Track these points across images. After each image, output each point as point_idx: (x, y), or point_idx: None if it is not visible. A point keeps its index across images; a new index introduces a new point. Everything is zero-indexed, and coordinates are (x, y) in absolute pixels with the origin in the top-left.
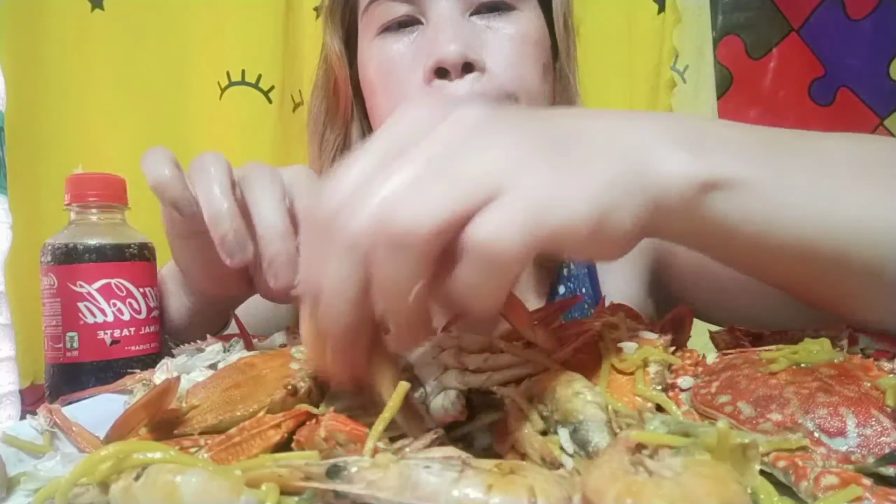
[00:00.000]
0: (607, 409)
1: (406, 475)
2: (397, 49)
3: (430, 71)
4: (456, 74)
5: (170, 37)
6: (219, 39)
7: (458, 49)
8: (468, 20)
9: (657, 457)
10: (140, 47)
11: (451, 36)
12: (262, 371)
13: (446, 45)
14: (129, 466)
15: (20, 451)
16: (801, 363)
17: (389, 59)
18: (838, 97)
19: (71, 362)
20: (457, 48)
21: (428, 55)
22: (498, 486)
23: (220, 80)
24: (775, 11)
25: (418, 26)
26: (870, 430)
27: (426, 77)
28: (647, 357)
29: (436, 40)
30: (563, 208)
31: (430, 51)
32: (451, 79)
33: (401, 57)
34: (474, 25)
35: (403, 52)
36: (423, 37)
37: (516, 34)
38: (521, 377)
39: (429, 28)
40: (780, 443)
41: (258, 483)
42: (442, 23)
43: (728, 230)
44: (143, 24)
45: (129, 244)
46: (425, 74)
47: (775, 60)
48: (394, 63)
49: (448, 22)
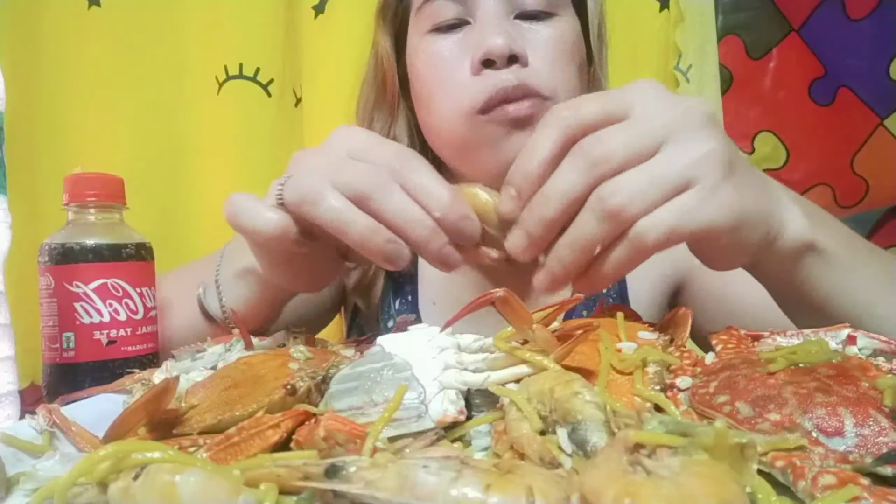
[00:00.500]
0: (606, 409)
1: (404, 475)
2: (446, 45)
3: (477, 62)
4: (502, 64)
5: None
6: (215, 33)
7: (504, 41)
8: (512, 22)
9: (655, 456)
10: (137, 43)
11: (498, 30)
12: (260, 371)
13: (494, 38)
14: (127, 466)
15: (19, 450)
16: (799, 363)
17: (439, 53)
18: (838, 97)
19: (68, 362)
20: (503, 41)
21: (476, 47)
22: (496, 485)
23: (217, 74)
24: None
25: (466, 26)
26: (868, 429)
27: (474, 68)
28: (645, 357)
29: (483, 35)
30: (716, 213)
31: (478, 43)
32: (496, 68)
33: (449, 51)
34: (517, 26)
35: (452, 47)
36: (471, 33)
37: (556, 36)
38: (519, 377)
39: (476, 26)
40: (778, 442)
41: (257, 483)
42: (489, 20)
43: (805, 283)
44: (140, 20)
45: (126, 244)
46: (473, 66)
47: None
48: (443, 56)
49: (495, 20)
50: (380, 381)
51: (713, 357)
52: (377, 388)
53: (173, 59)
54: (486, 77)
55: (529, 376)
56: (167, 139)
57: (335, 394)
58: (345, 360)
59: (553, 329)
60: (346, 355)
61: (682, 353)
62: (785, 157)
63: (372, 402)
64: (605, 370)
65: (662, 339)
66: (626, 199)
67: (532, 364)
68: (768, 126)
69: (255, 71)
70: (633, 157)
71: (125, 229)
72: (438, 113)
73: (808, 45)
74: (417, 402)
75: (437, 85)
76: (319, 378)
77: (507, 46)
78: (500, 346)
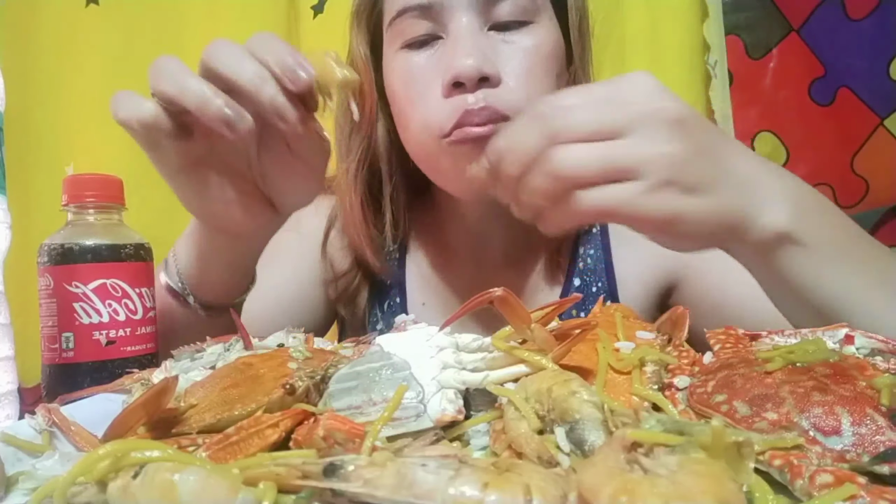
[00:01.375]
0: (603, 408)
1: (403, 473)
2: (418, 62)
3: (447, 84)
4: (471, 86)
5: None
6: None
7: (474, 63)
8: (486, 34)
9: (653, 455)
10: (135, 42)
11: (469, 50)
12: (259, 370)
13: (463, 59)
14: (127, 465)
15: (19, 450)
16: (796, 362)
17: (411, 71)
18: (838, 97)
19: (67, 363)
20: (473, 62)
21: (446, 69)
22: (494, 483)
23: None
24: (775, 11)
25: (439, 41)
26: (865, 428)
27: (445, 90)
28: (643, 357)
29: (454, 55)
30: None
31: (448, 64)
32: (466, 91)
33: (421, 70)
34: (491, 39)
35: (424, 65)
36: (443, 50)
37: (532, 47)
38: (518, 376)
39: (448, 42)
40: (775, 441)
41: (256, 482)
42: (460, 38)
43: (783, 273)
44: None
45: (125, 244)
46: (444, 88)
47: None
48: (415, 75)
49: (466, 37)
50: (378, 381)
51: (711, 356)
52: (376, 388)
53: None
54: (455, 101)
55: (528, 376)
56: None
57: (334, 393)
58: (343, 360)
59: (551, 328)
60: (344, 355)
61: (679, 352)
62: (785, 157)
63: (371, 402)
64: (604, 369)
65: (660, 339)
66: (570, 162)
67: (530, 363)
68: (768, 126)
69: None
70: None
71: (124, 230)
72: (411, 132)
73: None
74: (416, 402)
75: (409, 104)
76: (318, 377)
77: (477, 69)
78: (498, 346)
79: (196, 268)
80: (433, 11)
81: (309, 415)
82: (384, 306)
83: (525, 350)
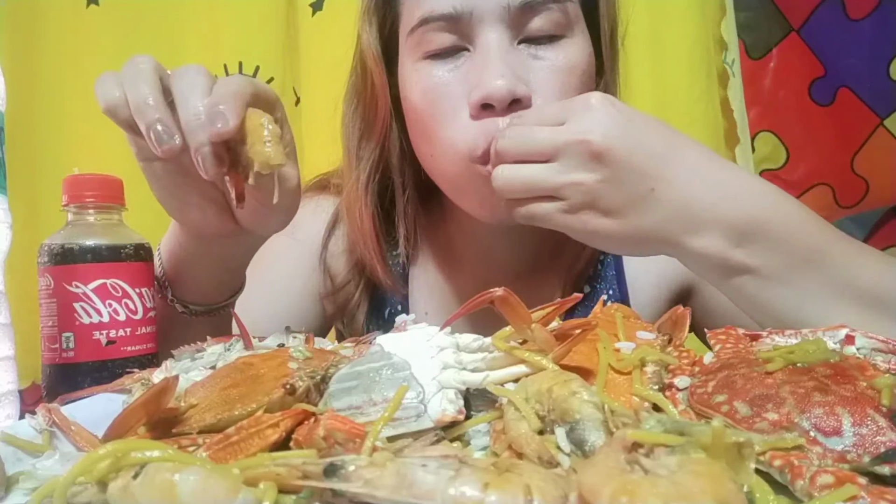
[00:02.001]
0: (604, 409)
1: (403, 473)
2: (442, 76)
3: (476, 106)
4: (502, 109)
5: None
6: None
7: (505, 84)
8: (515, 49)
9: (653, 455)
10: (136, 42)
11: (500, 70)
12: (260, 370)
13: (494, 80)
14: (127, 465)
15: (19, 450)
16: (797, 363)
17: (435, 86)
18: (838, 97)
19: (67, 363)
20: (504, 83)
21: (475, 87)
22: (494, 484)
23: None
24: (775, 11)
25: (464, 53)
26: (865, 429)
27: (473, 111)
28: (644, 357)
29: (483, 73)
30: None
31: (477, 83)
32: (496, 113)
33: (446, 86)
34: (521, 54)
35: (449, 80)
36: (471, 65)
37: (564, 65)
38: (518, 377)
39: (476, 56)
40: (776, 442)
41: (256, 482)
42: (490, 55)
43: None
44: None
45: (125, 245)
46: (472, 108)
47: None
48: (440, 92)
49: (496, 54)
50: (379, 381)
51: (711, 357)
52: (376, 388)
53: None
54: (485, 124)
55: (528, 376)
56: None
57: (334, 393)
58: (344, 360)
59: (552, 328)
60: (345, 355)
61: (680, 352)
62: (785, 157)
63: (371, 402)
64: (604, 370)
65: (661, 339)
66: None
67: (530, 364)
68: (768, 126)
69: (255, 70)
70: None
71: (124, 230)
72: (435, 149)
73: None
74: (416, 402)
75: (434, 122)
76: (318, 377)
77: (509, 90)
78: (498, 346)
79: (174, 265)
80: (460, 23)
81: (309, 415)
82: (385, 314)
83: (525, 350)
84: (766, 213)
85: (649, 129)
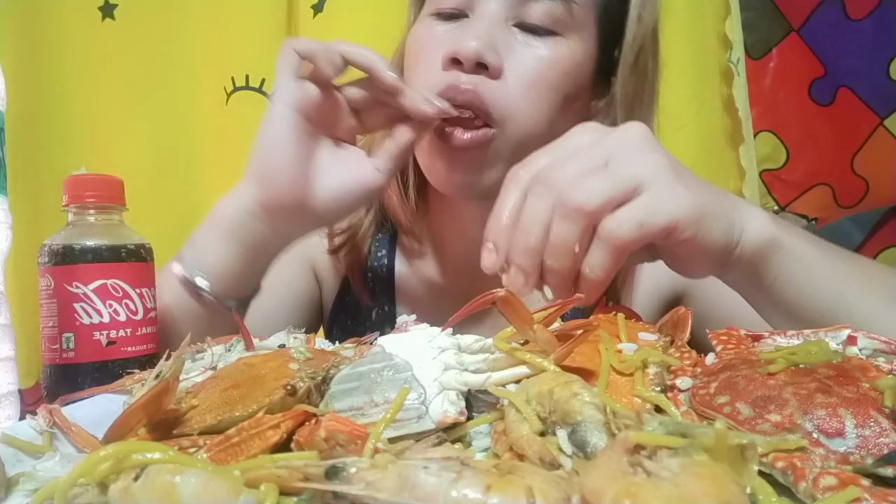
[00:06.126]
0: (605, 410)
1: (405, 476)
2: (437, 32)
3: (446, 59)
4: (469, 68)
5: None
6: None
7: (476, 46)
8: (508, 28)
9: (655, 458)
10: (148, 55)
11: (478, 33)
12: (261, 371)
13: (469, 40)
14: (128, 467)
15: (19, 451)
16: (799, 364)
17: (428, 38)
18: (838, 97)
19: (67, 363)
20: (476, 45)
21: (451, 43)
22: (496, 486)
23: (225, 85)
24: (775, 11)
25: (463, 18)
26: (868, 430)
27: (444, 64)
28: (646, 358)
29: (464, 33)
30: (675, 206)
31: (455, 40)
32: (464, 70)
33: (437, 40)
34: (510, 35)
35: (441, 35)
36: (461, 27)
37: (548, 58)
38: (519, 378)
39: (470, 21)
40: (778, 443)
41: (257, 483)
42: (481, 20)
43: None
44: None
45: (126, 245)
46: (443, 61)
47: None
48: (429, 44)
49: (484, 22)
50: (380, 382)
51: (713, 358)
52: (377, 389)
53: (183, 71)
54: (449, 75)
55: (529, 377)
56: (178, 146)
57: (335, 394)
58: (345, 361)
59: (553, 329)
60: (346, 355)
61: (682, 353)
62: (785, 157)
63: (372, 403)
64: (606, 371)
65: (663, 340)
66: (585, 195)
67: (532, 365)
68: (768, 126)
69: (261, 82)
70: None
71: (125, 230)
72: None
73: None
74: (418, 403)
75: (414, 68)
76: (319, 378)
77: (476, 52)
78: (500, 347)
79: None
80: None
81: (310, 416)
82: (373, 314)
83: (527, 351)
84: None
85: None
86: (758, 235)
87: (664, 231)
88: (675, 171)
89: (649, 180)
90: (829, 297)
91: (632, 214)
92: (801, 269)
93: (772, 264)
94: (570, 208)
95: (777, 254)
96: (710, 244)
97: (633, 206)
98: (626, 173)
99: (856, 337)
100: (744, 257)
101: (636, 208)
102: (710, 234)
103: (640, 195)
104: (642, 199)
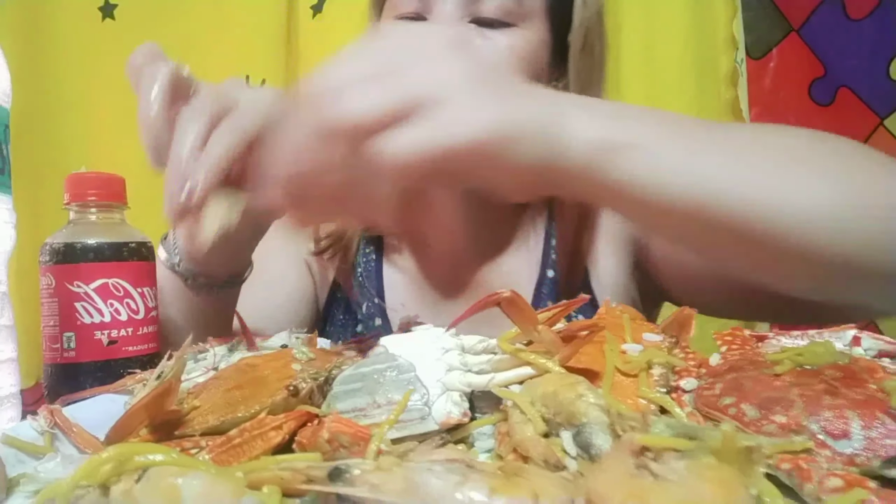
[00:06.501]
0: (610, 412)
1: (409, 478)
2: None
3: None
4: None
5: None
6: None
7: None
8: (465, 25)
9: (662, 460)
10: None
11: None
12: (263, 372)
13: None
14: (130, 469)
15: (20, 451)
16: (805, 365)
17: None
18: (838, 97)
19: (68, 362)
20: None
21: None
22: (501, 488)
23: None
24: (775, 11)
25: (422, 21)
26: (875, 432)
27: None
28: (651, 359)
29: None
30: (469, 126)
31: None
32: None
33: None
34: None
35: None
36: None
37: (505, 46)
38: (523, 378)
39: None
40: (784, 445)
41: (260, 485)
42: (438, 20)
43: (620, 188)
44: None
45: (127, 243)
46: None
47: (775, 60)
48: None
49: (443, 21)
50: (383, 383)
51: (718, 358)
52: (381, 390)
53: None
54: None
55: (533, 378)
56: None
57: (338, 395)
58: (347, 361)
59: (558, 329)
60: (349, 356)
61: (686, 354)
62: None
63: (375, 404)
64: (610, 372)
65: (668, 341)
66: (350, 106)
67: (536, 366)
68: None
69: (261, 83)
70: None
71: (126, 229)
72: None
73: (808, 45)
74: (421, 404)
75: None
76: (322, 379)
77: None
78: (504, 348)
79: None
80: None
81: (312, 416)
82: (363, 308)
83: (531, 352)
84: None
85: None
86: (587, 143)
87: (455, 155)
88: (481, 82)
89: (441, 94)
90: (713, 187)
91: (413, 135)
92: (660, 163)
93: (616, 169)
94: (327, 122)
95: (620, 156)
96: (522, 168)
97: (413, 125)
98: (411, 83)
99: (860, 337)
100: (573, 172)
101: (417, 127)
102: (523, 157)
103: (428, 111)
104: (432, 115)
